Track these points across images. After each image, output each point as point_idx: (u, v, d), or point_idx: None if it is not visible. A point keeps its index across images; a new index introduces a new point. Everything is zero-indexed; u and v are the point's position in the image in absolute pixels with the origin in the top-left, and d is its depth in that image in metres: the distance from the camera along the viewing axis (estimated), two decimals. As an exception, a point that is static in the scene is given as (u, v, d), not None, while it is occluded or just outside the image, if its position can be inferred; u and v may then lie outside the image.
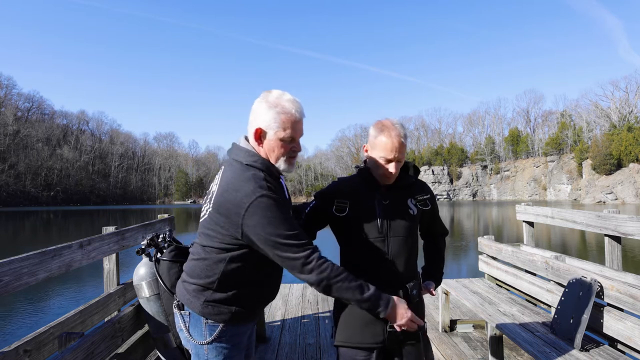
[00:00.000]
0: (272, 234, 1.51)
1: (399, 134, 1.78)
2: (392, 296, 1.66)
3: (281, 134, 1.59)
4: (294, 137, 1.62)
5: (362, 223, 1.81)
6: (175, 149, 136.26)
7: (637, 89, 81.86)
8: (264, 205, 1.50)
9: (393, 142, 1.76)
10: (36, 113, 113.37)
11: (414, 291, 1.82)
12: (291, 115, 1.58)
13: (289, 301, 5.66)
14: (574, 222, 4.18)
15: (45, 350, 2.08)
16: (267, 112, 1.58)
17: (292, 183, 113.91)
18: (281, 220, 1.52)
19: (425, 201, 1.90)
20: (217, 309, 1.64)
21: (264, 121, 1.59)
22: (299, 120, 1.61)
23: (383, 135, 1.78)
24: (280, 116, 1.57)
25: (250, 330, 1.81)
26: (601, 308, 2.67)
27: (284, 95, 1.61)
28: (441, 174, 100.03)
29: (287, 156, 1.64)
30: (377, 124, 1.84)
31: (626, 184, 67.44)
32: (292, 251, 1.52)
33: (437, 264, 2.09)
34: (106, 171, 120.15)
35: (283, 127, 1.58)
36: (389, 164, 1.79)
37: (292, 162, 1.67)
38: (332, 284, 1.54)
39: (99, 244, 2.76)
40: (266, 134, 1.60)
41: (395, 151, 1.76)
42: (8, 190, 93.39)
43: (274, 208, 1.52)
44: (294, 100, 1.61)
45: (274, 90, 1.64)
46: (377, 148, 1.80)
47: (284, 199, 1.63)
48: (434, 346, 4.00)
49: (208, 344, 1.65)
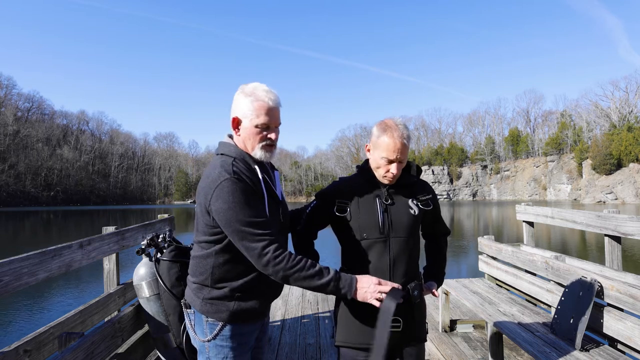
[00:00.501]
0: (232, 219, 1.52)
1: (402, 134, 1.77)
2: (354, 275, 1.63)
3: (255, 121, 1.62)
4: (268, 125, 1.64)
5: (364, 223, 1.80)
6: (175, 149, 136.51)
7: (637, 89, 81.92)
8: (227, 190, 1.52)
9: (395, 142, 1.75)
10: (36, 113, 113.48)
11: (415, 292, 1.81)
12: (264, 102, 1.61)
13: (289, 301, 5.66)
14: (574, 222, 4.18)
15: (45, 350, 2.08)
16: (243, 101, 1.63)
17: (292, 183, 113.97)
18: (242, 206, 1.52)
19: (427, 201, 1.89)
20: (216, 307, 1.64)
21: (240, 110, 1.64)
22: (273, 108, 1.63)
23: (386, 135, 1.78)
24: (254, 104, 1.61)
25: (257, 330, 1.78)
26: (601, 308, 2.66)
27: (259, 86, 1.66)
28: (441, 174, 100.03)
29: (263, 144, 1.65)
30: (380, 124, 1.83)
31: (626, 184, 67.43)
32: (249, 239, 1.52)
33: (439, 264, 2.08)
34: (106, 171, 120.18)
35: (257, 114, 1.61)
36: (390, 165, 1.78)
37: (269, 149, 1.68)
38: (288, 275, 1.53)
39: (99, 244, 2.76)
40: (242, 123, 1.65)
41: (397, 152, 1.76)
42: (8, 190, 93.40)
43: (238, 193, 1.53)
44: (269, 90, 1.65)
45: (252, 82, 1.69)
46: (380, 148, 1.79)
47: (258, 187, 1.62)
48: (434, 346, 4.00)
49: (208, 341, 1.67)
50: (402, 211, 1.83)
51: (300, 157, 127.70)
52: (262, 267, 1.54)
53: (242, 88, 1.67)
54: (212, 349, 1.67)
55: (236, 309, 1.64)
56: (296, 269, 1.53)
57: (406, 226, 1.81)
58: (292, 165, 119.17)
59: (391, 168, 1.78)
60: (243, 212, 1.52)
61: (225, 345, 1.66)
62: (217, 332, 1.65)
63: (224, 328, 1.65)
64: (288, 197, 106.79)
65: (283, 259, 1.53)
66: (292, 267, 1.53)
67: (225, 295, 1.64)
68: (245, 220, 1.51)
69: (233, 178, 1.54)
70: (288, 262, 1.53)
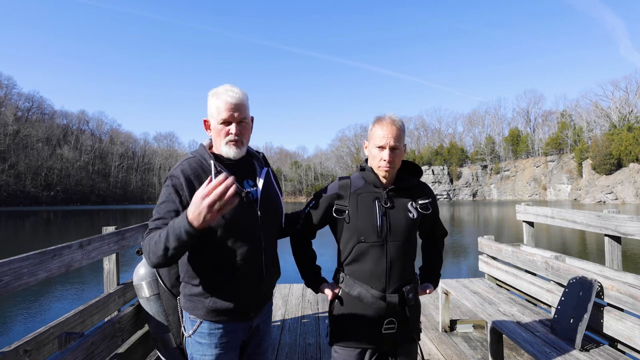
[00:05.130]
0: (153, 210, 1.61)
1: (393, 121, 1.79)
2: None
3: (217, 118, 1.66)
4: (229, 120, 1.65)
5: (361, 226, 1.79)
6: (175, 149, 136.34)
7: (637, 89, 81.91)
8: (164, 186, 1.64)
9: (385, 129, 1.77)
10: (36, 113, 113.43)
11: (410, 295, 1.82)
12: (224, 99, 1.64)
13: (289, 301, 5.65)
14: (574, 222, 4.18)
15: (45, 350, 2.07)
16: (209, 103, 1.69)
17: (292, 183, 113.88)
18: (160, 199, 1.61)
19: (426, 205, 1.88)
20: (194, 304, 1.66)
21: (208, 112, 1.70)
22: (234, 104, 1.65)
23: (377, 125, 1.81)
24: (216, 102, 1.65)
25: (241, 330, 1.73)
26: (601, 308, 2.66)
27: (223, 86, 1.70)
28: (441, 174, 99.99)
29: (226, 139, 1.67)
30: (375, 118, 1.86)
31: (626, 184, 67.40)
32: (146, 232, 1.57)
33: (435, 266, 2.07)
34: (106, 171, 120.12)
35: (218, 111, 1.65)
36: (383, 152, 1.77)
37: (234, 145, 1.68)
38: (149, 254, 1.50)
39: (99, 244, 2.76)
40: (210, 123, 1.70)
41: (388, 137, 1.76)
42: (8, 190, 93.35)
43: (164, 188, 1.62)
44: (231, 88, 1.68)
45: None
46: (373, 138, 1.82)
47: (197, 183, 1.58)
48: (434, 346, 4.00)
49: (189, 337, 1.70)
50: (401, 215, 1.82)
51: (300, 157, 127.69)
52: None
53: (210, 93, 1.71)
54: (193, 344, 1.69)
55: (212, 306, 1.64)
56: (150, 245, 1.49)
57: (404, 230, 1.80)
58: (292, 165, 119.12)
59: (383, 155, 1.77)
60: (156, 208, 1.60)
61: (204, 343, 1.67)
62: (195, 329, 1.67)
63: (201, 325, 1.66)
64: (288, 197, 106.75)
65: (144, 244, 1.53)
66: (147, 246, 1.50)
67: (201, 292, 1.65)
68: (153, 215, 1.59)
69: (168, 179, 1.63)
70: (146, 244, 1.52)
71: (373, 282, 1.79)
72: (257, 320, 1.79)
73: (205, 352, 1.67)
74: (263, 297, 1.77)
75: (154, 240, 1.47)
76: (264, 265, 1.71)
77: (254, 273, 1.69)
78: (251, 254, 1.66)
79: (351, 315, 1.81)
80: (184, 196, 1.58)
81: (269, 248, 1.75)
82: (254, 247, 1.67)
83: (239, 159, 1.72)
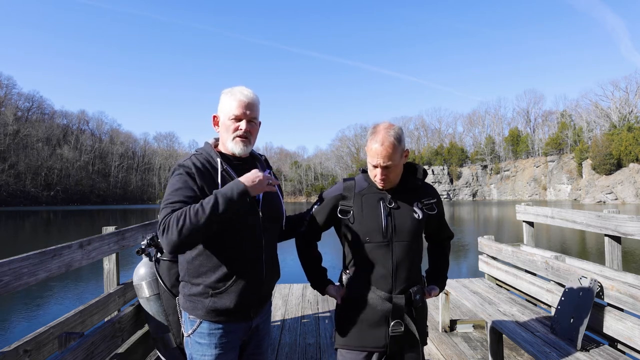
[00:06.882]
0: (164, 199, 1.60)
1: (386, 140, 1.72)
2: (237, 179, 1.57)
3: (229, 114, 1.70)
4: (239, 117, 1.69)
5: (366, 227, 1.78)
6: (175, 149, 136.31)
7: (637, 89, 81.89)
8: (172, 175, 1.64)
9: (377, 148, 1.72)
10: (36, 113, 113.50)
11: (417, 296, 1.80)
12: (238, 97, 1.69)
13: (289, 301, 5.65)
14: (574, 222, 4.18)
15: (45, 350, 2.07)
16: (222, 100, 1.74)
17: (292, 183, 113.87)
18: (173, 187, 1.58)
19: (431, 205, 1.87)
20: (193, 304, 1.66)
21: (219, 108, 1.75)
22: (247, 102, 1.69)
23: (372, 140, 1.76)
24: (230, 99, 1.71)
25: (241, 331, 1.73)
26: (601, 308, 2.66)
27: (239, 87, 1.75)
28: (441, 174, 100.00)
29: (235, 135, 1.70)
30: (371, 128, 1.80)
31: (626, 184, 67.39)
32: (161, 215, 1.53)
33: (442, 269, 2.05)
34: (106, 171, 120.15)
35: (230, 107, 1.70)
36: (375, 170, 1.77)
37: (241, 142, 1.71)
38: (180, 229, 1.43)
39: (99, 244, 2.76)
40: (220, 119, 1.75)
41: (379, 157, 1.72)
42: (8, 190, 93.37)
43: (177, 177, 1.60)
44: (246, 88, 1.74)
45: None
46: (368, 153, 1.79)
47: (209, 180, 1.61)
48: (434, 346, 4.00)
49: (189, 337, 1.70)
50: (406, 215, 1.80)
51: (300, 157, 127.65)
52: (160, 237, 1.49)
53: (224, 91, 1.76)
54: (193, 344, 1.69)
55: (211, 306, 1.64)
56: (179, 218, 1.45)
57: (410, 230, 1.79)
58: (292, 165, 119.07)
59: (377, 173, 1.76)
60: (169, 191, 1.58)
61: (203, 343, 1.67)
62: (195, 329, 1.67)
63: (201, 325, 1.66)
64: (288, 197, 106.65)
65: (172, 220, 1.46)
66: (177, 223, 1.44)
67: (201, 292, 1.65)
68: (166, 198, 1.57)
69: (182, 164, 1.64)
70: (174, 221, 1.46)
71: (379, 283, 1.78)
72: (257, 321, 1.79)
73: (204, 352, 1.67)
74: (263, 298, 1.77)
75: (193, 212, 1.44)
76: (265, 266, 1.72)
77: (254, 273, 1.69)
78: (252, 254, 1.67)
79: (357, 317, 1.80)
80: (199, 183, 1.59)
81: (270, 249, 1.75)
82: (254, 248, 1.68)
83: (243, 160, 1.75)
